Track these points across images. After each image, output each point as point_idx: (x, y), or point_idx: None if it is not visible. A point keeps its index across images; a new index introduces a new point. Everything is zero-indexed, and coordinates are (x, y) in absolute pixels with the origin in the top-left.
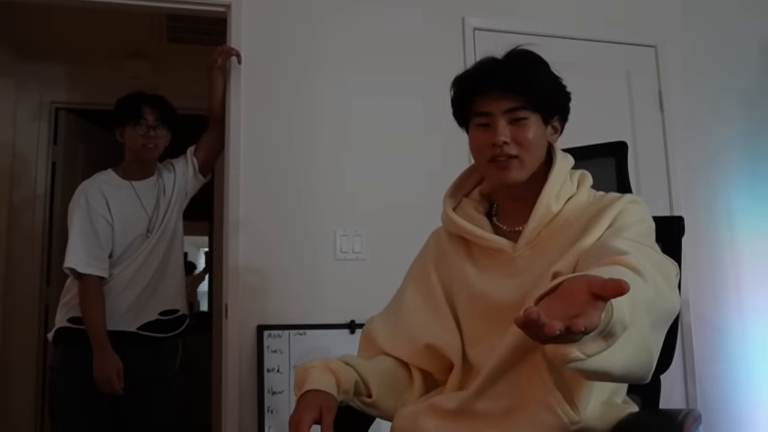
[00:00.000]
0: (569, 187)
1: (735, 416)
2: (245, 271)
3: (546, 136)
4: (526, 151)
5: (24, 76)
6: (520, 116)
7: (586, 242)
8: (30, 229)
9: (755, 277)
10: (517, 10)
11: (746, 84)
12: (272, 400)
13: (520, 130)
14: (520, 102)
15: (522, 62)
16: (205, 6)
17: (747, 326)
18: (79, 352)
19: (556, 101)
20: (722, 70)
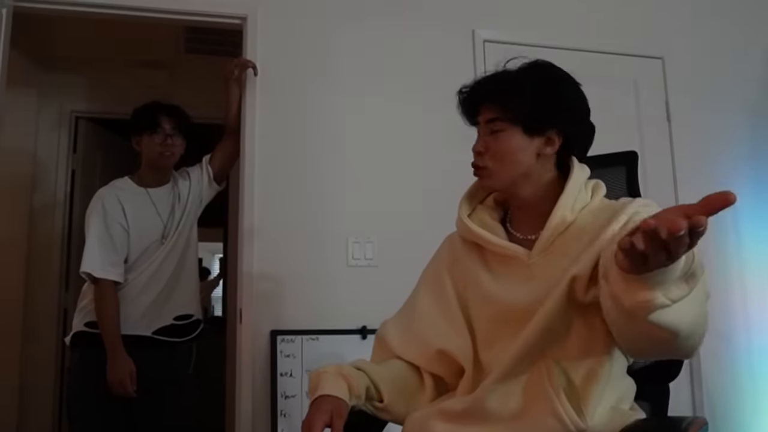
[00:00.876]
0: (584, 197)
1: (740, 423)
2: (259, 277)
3: (532, 148)
4: (497, 162)
5: (45, 86)
6: (496, 128)
7: (603, 239)
8: (49, 235)
9: (761, 285)
10: (526, 23)
11: (751, 94)
12: (285, 404)
13: (493, 141)
14: (497, 114)
15: (514, 76)
16: (221, 18)
17: (752, 334)
18: (95, 356)
19: (542, 114)
20: (728, 80)
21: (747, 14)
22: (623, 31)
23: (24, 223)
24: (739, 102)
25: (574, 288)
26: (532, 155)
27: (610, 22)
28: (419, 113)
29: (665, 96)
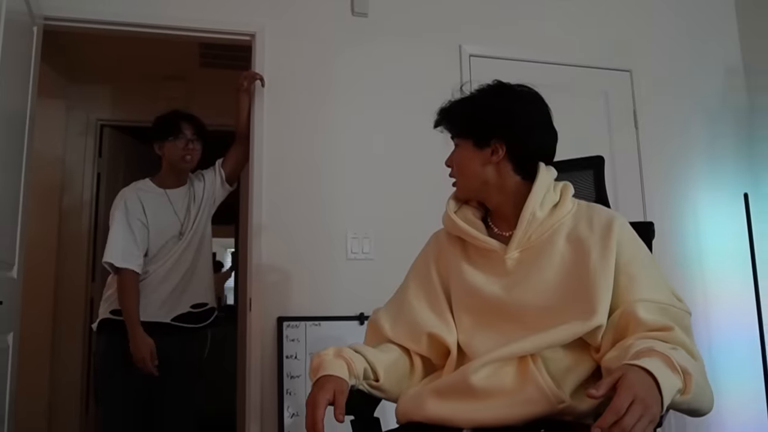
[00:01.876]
0: (552, 197)
1: None
2: (267, 269)
3: (481, 159)
4: (459, 174)
5: (73, 97)
6: (455, 143)
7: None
8: (77, 232)
9: (720, 274)
10: (508, 39)
11: (711, 104)
12: (290, 383)
13: (453, 155)
14: (452, 131)
15: (467, 98)
16: (233, 36)
17: (711, 312)
18: (119, 341)
19: (484, 128)
20: (690, 91)
21: (707, 32)
22: (595, 47)
23: (54, 221)
24: (699, 111)
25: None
26: (482, 165)
27: (583, 39)
28: (411, 121)
29: (633, 106)
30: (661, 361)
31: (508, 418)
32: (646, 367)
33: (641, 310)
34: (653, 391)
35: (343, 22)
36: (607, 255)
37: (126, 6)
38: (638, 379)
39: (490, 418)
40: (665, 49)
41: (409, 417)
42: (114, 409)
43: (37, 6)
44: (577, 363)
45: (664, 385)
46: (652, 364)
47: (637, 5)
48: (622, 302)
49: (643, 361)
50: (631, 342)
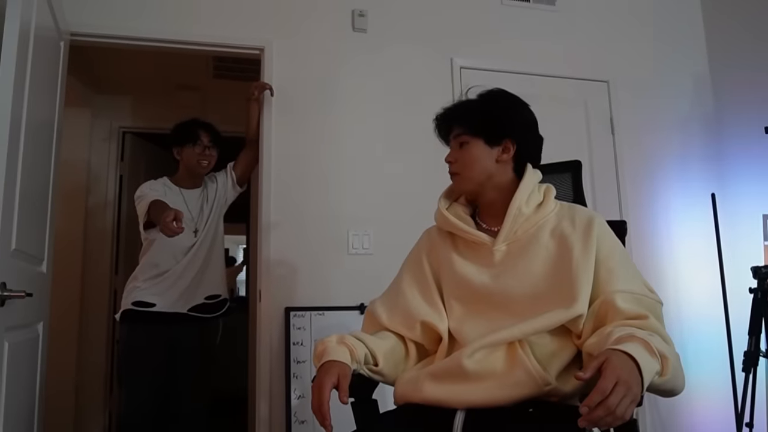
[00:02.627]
0: (537, 196)
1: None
2: (275, 263)
3: (492, 156)
4: (465, 168)
5: (97, 106)
6: (462, 141)
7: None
8: (102, 229)
9: (689, 268)
10: (495, 52)
11: (682, 111)
12: (297, 367)
13: (461, 152)
14: (463, 129)
15: (474, 101)
16: (243, 49)
17: (681, 303)
18: (140, 330)
19: (498, 125)
20: (662, 100)
21: (677, 45)
22: (576, 60)
23: (80, 219)
24: (671, 119)
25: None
26: (492, 161)
27: (564, 53)
28: (408, 127)
29: (610, 113)
30: (641, 346)
31: (498, 399)
32: (628, 352)
33: (619, 300)
34: (634, 373)
35: (344, 37)
36: (588, 250)
37: (145, 22)
38: (621, 362)
39: (482, 400)
40: (639, 61)
41: (406, 399)
42: (134, 391)
43: (63, 23)
44: (561, 348)
45: (644, 368)
46: (633, 348)
47: (614, 22)
48: (601, 293)
49: (625, 345)
50: (610, 329)
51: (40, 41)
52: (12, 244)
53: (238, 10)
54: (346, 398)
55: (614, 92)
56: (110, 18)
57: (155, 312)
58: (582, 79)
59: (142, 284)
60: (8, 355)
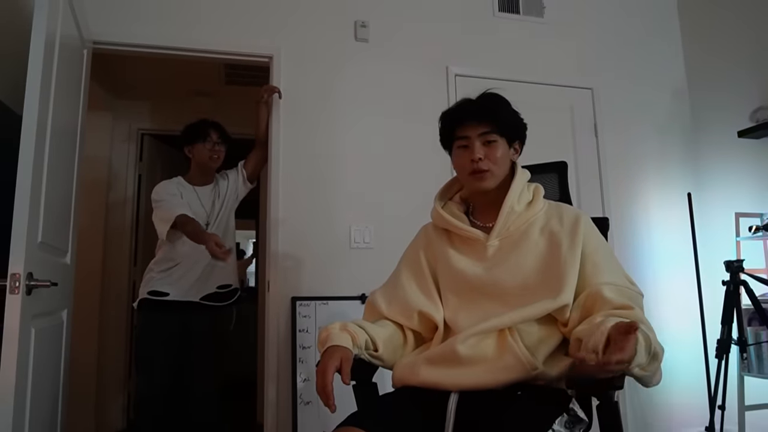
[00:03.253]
0: (527, 195)
1: None
2: (283, 256)
3: (509, 155)
4: (495, 165)
5: (118, 110)
6: (491, 139)
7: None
8: (121, 224)
9: (667, 261)
10: (488, 61)
11: (660, 118)
12: (302, 353)
13: (491, 150)
14: (491, 128)
15: (491, 100)
16: (253, 57)
17: (659, 294)
18: (156, 317)
19: (516, 129)
20: (642, 106)
21: (657, 57)
22: (562, 69)
23: (101, 214)
24: (650, 124)
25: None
26: (508, 159)
27: (552, 62)
28: (404, 130)
29: (594, 118)
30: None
31: (489, 382)
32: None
33: (606, 291)
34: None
35: (347, 46)
36: (575, 246)
37: (163, 32)
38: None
39: (474, 383)
40: (622, 70)
41: (404, 382)
42: (150, 374)
43: (87, 32)
44: (548, 336)
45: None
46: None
47: (598, 34)
48: (587, 285)
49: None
50: (600, 319)
51: (65, 49)
52: (38, 237)
53: (250, 20)
54: (348, 380)
55: (598, 99)
56: (130, 27)
57: (169, 301)
58: (568, 86)
59: (157, 275)
60: (35, 340)
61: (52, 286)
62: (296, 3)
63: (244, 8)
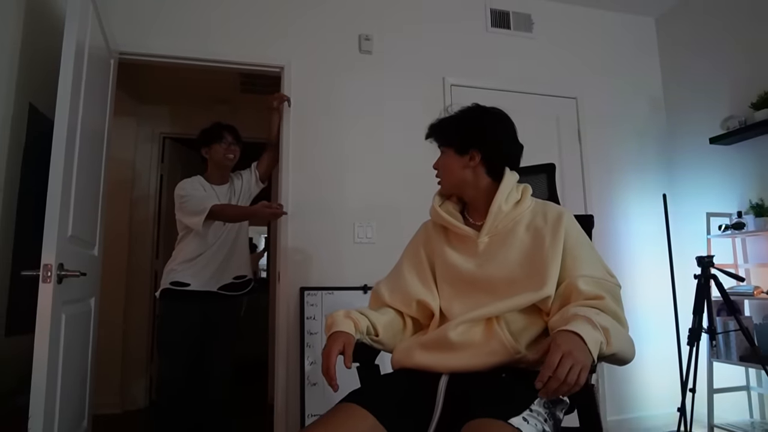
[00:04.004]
0: (515, 195)
1: None
2: (292, 250)
3: (463, 163)
4: (443, 174)
5: (142, 115)
6: (441, 149)
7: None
8: (145, 219)
9: (644, 256)
10: (481, 72)
11: (638, 125)
12: (310, 338)
13: (439, 160)
14: (439, 141)
15: (449, 117)
16: (266, 68)
17: (636, 287)
18: (177, 306)
19: (465, 140)
20: (622, 114)
21: (636, 68)
22: (549, 80)
23: (126, 210)
24: (629, 130)
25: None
26: (461, 168)
27: (540, 73)
28: (404, 135)
29: (577, 125)
30: (585, 322)
31: (476, 365)
32: (571, 329)
33: (581, 283)
34: (580, 345)
35: (352, 58)
36: (557, 241)
37: (182, 44)
38: (565, 339)
39: (463, 365)
40: (603, 81)
41: (401, 364)
42: (171, 357)
43: (113, 43)
44: (531, 324)
45: (588, 340)
46: (576, 326)
47: (582, 48)
48: (567, 277)
49: (570, 325)
50: (571, 310)
51: (93, 59)
52: (69, 231)
53: (263, 34)
54: (349, 363)
55: (581, 108)
56: (153, 39)
57: (190, 290)
58: (554, 96)
59: (178, 267)
60: (65, 325)
61: (81, 276)
62: (305, 18)
63: (258, 23)
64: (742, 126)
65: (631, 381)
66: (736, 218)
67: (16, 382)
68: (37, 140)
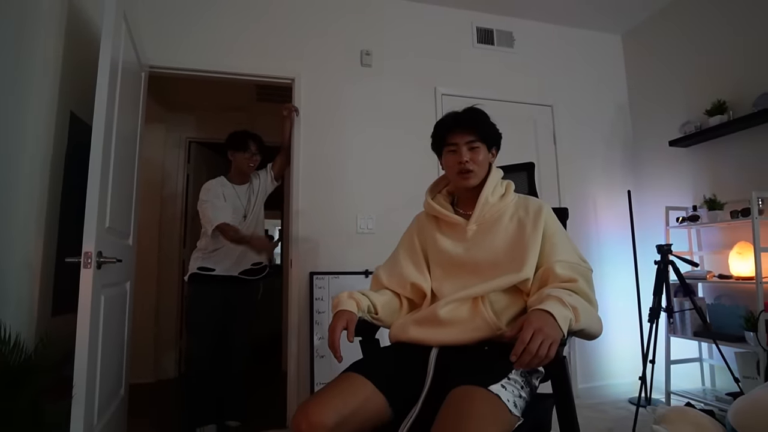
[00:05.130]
0: (500, 190)
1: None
2: (302, 240)
3: (488, 158)
4: (478, 167)
5: (170, 122)
6: (475, 145)
7: (529, 235)
8: (173, 214)
9: (609, 242)
10: (470, 83)
11: (605, 129)
12: (318, 316)
13: (474, 154)
14: (475, 137)
15: (476, 114)
16: (279, 80)
17: (604, 271)
18: (203, 290)
19: (493, 138)
20: (592, 119)
21: (604, 79)
22: (528, 89)
23: (157, 206)
24: (597, 134)
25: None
26: (487, 163)
27: (520, 84)
28: (400, 138)
29: (553, 129)
30: (556, 301)
31: (463, 340)
32: (544, 308)
33: (558, 268)
34: (551, 322)
35: (354, 70)
36: (537, 230)
37: (206, 58)
38: (538, 317)
39: (451, 340)
40: (575, 91)
41: (397, 338)
42: (199, 336)
43: (144, 58)
44: (512, 303)
45: (558, 317)
46: (548, 305)
47: (557, 61)
48: (545, 262)
49: (542, 304)
50: (546, 291)
51: (126, 73)
52: (106, 223)
53: (276, 50)
54: (351, 338)
55: (557, 114)
56: (180, 54)
57: (214, 275)
58: (532, 103)
59: (203, 255)
60: (104, 305)
61: (117, 263)
62: (313, 35)
63: (272, 40)
64: (698, 130)
65: (599, 353)
66: (691, 211)
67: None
68: (77, 144)
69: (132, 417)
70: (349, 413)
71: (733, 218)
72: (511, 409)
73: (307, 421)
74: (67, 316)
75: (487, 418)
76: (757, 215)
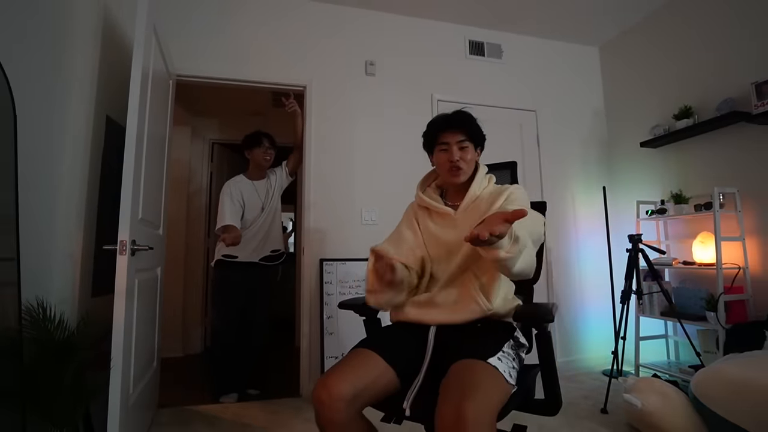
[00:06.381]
0: (484, 183)
1: (573, 308)
2: (314, 230)
3: (475, 157)
4: (467, 165)
5: (195, 125)
6: (464, 145)
7: (493, 208)
8: (198, 207)
9: (586, 232)
10: (462, 89)
11: (583, 131)
12: (327, 298)
13: (464, 153)
14: (465, 136)
15: (465, 116)
16: (292, 87)
17: (581, 258)
18: (227, 275)
19: (480, 138)
20: (571, 123)
21: (582, 86)
22: (514, 96)
23: (184, 200)
24: (576, 137)
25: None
26: (474, 161)
27: (507, 91)
28: (400, 139)
29: (536, 132)
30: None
31: (457, 319)
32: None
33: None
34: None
35: (359, 79)
36: (501, 199)
37: (227, 68)
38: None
39: (446, 320)
40: (556, 97)
41: (398, 318)
42: (223, 315)
43: (172, 68)
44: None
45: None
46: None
47: (541, 71)
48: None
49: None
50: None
51: (156, 81)
52: (139, 215)
53: (290, 60)
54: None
55: (540, 118)
56: (204, 64)
57: (238, 261)
58: (518, 109)
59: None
60: (138, 288)
61: (149, 250)
62: (323, 47)
63: (286, 51)
64: (666, 132)
65: (577, 330)
66: (659, 205)
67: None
68: (113, 145)
69: (163, 386)
70: (364, 386)
71: (697, 211)
72: (507, 379)
73: (328, 393)
74: (105, 297)
75: (490, 387)
76: (719, 209)
